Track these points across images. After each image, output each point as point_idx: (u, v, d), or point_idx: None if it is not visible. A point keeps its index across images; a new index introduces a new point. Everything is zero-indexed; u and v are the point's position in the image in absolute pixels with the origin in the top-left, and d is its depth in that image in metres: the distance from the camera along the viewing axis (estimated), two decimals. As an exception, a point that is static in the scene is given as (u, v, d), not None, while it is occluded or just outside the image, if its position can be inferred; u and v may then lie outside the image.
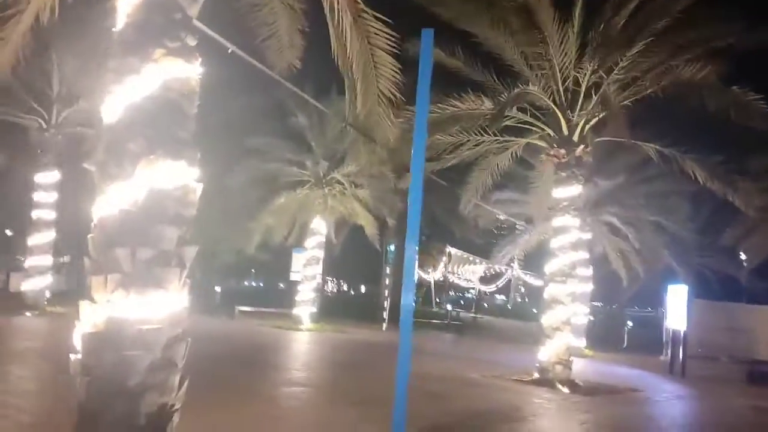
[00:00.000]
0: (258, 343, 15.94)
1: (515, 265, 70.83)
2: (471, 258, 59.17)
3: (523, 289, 77.95)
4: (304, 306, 22.27)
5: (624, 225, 20.70)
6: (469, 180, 15.26)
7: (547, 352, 12.10)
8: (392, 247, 28.58)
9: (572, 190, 12.65)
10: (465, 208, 16.39)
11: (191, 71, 4.33)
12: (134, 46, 4.11)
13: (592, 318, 25.63)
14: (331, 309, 27.72)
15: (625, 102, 12.19)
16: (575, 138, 12.59)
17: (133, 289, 3.79)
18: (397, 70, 6.58)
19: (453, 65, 12.75)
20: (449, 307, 41.04)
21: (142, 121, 4.02)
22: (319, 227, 22.85)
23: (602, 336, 24.64)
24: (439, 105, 11.89)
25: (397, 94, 6.73)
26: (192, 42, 4.36)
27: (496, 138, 13.36)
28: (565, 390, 11.29)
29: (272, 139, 22.18)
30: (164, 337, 3.89)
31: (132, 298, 3.77)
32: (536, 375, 12.13)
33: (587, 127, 12.62)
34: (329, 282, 62.14)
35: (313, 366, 13.03)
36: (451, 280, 63.87)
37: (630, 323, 30.84)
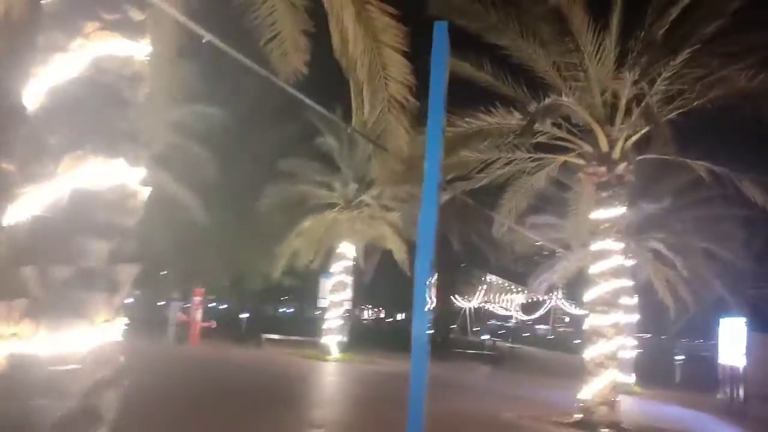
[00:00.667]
0: (278, 375, 15.16)
1: (556, 293, 68.94)
2: (510, 286, 57.67)
3: (566, 319, 75.48)
4: (332, 334, 21.43)
5: (671, 252, 19.25)
6: (502, 201, 14.32)
7: (590, 391, 10.93)
8: (425, 274, 27.63)
9: (613, 211, 11.58)
10: (498, 232, 15.40)
11: (135, 50, 3.59)
12: (62, 18, 3.39)
13: (640, 350, 24.01)
14: (362, 337, 26.82)
15: (670, 115, 11.13)
16: (616, 155, 11.58)
17: (44, 319, 3.02)
18: (410, 71, 5.86)
19: (482, 79, 11.95)
20: (485, 336, 39.51)
21: (68, 108, 3.29)
22: (347, 251, 22.14)
23: (651, 370, 22.99)
24: (466, 119, 11.07)
25: (410, 98, 6.00)
26: (138, 16, 3.62)
27: (530, 155, 12.45)
28: (610, 435, 10.11)
29: (301, 160, 21.74)
30: (85, 381, 3.11)
31: (43, 330, 3.01)
32: (578, 416, 10.95)
33: (628, 143, 11.61)
34: (367, 310, 61.18)
35: (334, 402, 12.11)
36: (489, 309, 62.31)
37: (681, 357, 28.90)
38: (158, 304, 29.11)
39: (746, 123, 10.94)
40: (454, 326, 55.51)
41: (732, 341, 16.04)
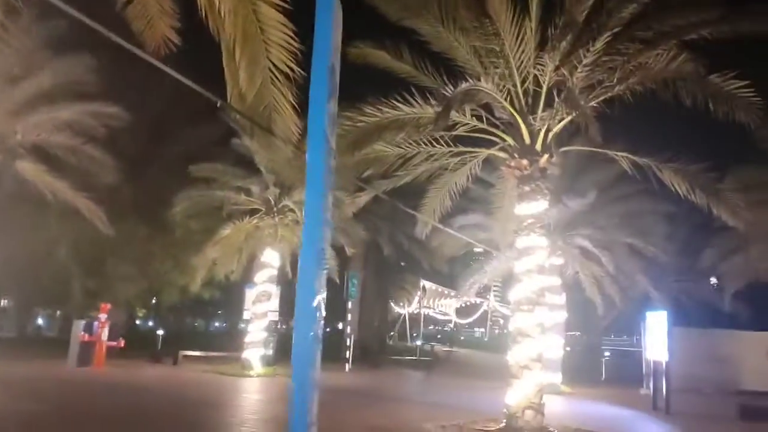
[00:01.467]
0: (189, 395, 13.77)
1: (491, 296, 69.75)
2: (446, 291, 57.71)
3: (501, 321, 76.51)
4: (255, 348, 20.13)
5: (597, 248, 19.22)
6: (425, 201, 13.64)
7: (515, 395, 10.30)
8: (354, 281, 26.80)
9: (537, 205, 11.05)
10: (422, 233, 14.70)
11: None
12: None
13: (568, 349, 24.01)
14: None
15: (592, 103, 10.73)
16: (538, 147, 11.10)
17: None
18: (293, 35, 4.97)
19: (401, 69, 11.26)
20: (419, 342, 39.05)
21: None
22: (271, 260, 20.93)
23: (580, 369, 22.97)
24: (379, 107, 10.31)
25: (296, 68, 5.11)
26: None
27: (451, 149, 11.82)
28: (537, 440, 9.50)
29: (217, 164, 20.39)
30: None
31: None
32: (504, 423, 10.30)
33: (551, 133, 11.16)
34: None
35: (246, 425, 10.88)
36: (428, 314, 62.13)
37: (607, 354, 29.32)
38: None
39: (668, 111, 10.67)
40: (393, 333, 54.97)
41: (655, 336, 16.02)
